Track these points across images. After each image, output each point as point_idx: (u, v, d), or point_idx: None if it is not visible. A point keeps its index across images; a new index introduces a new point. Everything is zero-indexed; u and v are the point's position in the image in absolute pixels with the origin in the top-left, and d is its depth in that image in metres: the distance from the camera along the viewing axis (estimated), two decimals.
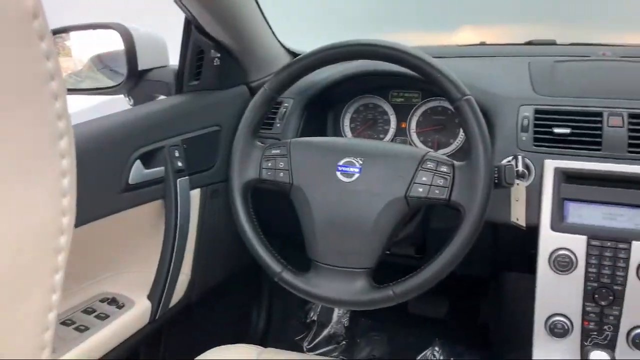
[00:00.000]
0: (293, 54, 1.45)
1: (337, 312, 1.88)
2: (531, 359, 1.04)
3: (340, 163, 0.95)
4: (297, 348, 1.81)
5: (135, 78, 1.19)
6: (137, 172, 1.01)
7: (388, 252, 0.96)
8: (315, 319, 1.87)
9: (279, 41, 1.41)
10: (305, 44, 1.31)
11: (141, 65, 1.19)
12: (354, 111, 1.34)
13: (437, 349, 1.73)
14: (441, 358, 1.72)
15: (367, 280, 0.92)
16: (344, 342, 1.82)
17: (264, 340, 1.71)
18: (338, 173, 0.94)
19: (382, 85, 1.30)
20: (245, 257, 1.06)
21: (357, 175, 0.93)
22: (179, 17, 1.15)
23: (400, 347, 1.76)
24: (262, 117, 1.04)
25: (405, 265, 1.05)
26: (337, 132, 1.35)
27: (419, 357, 1.73)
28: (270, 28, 1.35)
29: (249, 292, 1.71)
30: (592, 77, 1.12)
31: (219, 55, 1.21)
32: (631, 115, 0.99)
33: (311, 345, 1.82)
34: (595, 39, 1.37)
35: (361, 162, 0.94)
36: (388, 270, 0.97)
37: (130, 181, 0.99)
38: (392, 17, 2.11)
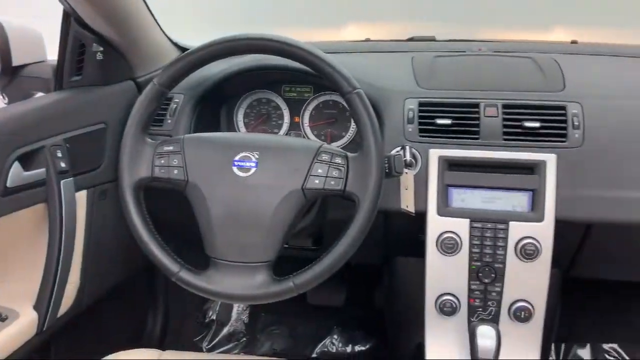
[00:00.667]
0: (182, 49, 1.42)
1: (236, 310, 1.87)
2: (423, 337, 1.11)
3: (237, 158, 0.94)
4: (197, 349, 1.77)
5: (9, 75, 1.10)
6: (16, 174, 0.94)
7: (287, 245, 0.97)
8: (214, 318, 1.85)
9: (166, 35, 1.37)
10: (195, 39, 1.28)
11: (15, 61, 1.10)
12: (248, 106, 1.33)
13: (335, 337, 1.78)
14: (340, 345, 1.77)
15: (268, 274, 0.92)
16: (244, 339, 1.82)
17: (161, 344, 1.66)
18: (234, 168, 0.94)
19: (274, 80, 1.30)
20: (139, 259, 1.03)
21: (253, 169, 0.93)
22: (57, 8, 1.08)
23: (301, 339, 1.79)
24: (151, 113, 1.01)
25: (304, 257, 1.06)
26: (231, 128, 1.34)
27: (318, 347, 1.77)
28: (157, 22, 1.31)
29: (144, 294, 1.65)
30: (470, 71, 1.20)
31: (101, 49, 1.15)
32: (505, 106, 1.07)
33: (211, 345, 1.80)
34: (471, 36, 1.47)
35: (257, 157, 0.94)
36: (288, 263, 0.98)
37: (9, 184, 0.92)
38: (280, 12, 2.12)
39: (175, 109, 1.20)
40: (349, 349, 1.76)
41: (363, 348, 1.77)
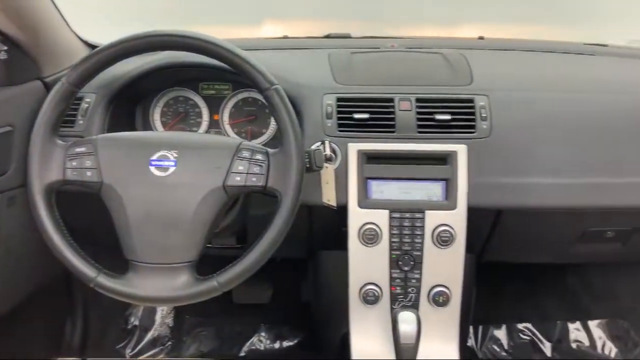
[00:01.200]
0: (92, 46, 1.36)
1: (160, 314, 1.82)
2: (348, 328, 1.13)
3: (154, 157, 0.92)
4: (120, 356, 1.72)
5: None
6: None
7: (210, 245, 0.97)
8: (137, 323, 1.80)
9: (74, 33, 1.31)
10: (106, 37, 1.24)
11: None
12: (164, 104, 1.30)
13: (263, 334, 1.78)
14: (268, 342, 1.78)
15: (191, 274, 0.91)
16: (169, 343, 1.78)
17: (82, 352, 1.60)
18: (152, 168, 0.92)
19: (191, 77, 1.28)
20: (54, 265, 0.98)
21: (172, 168, 0.92)
22: None
23: (228, 339, 1.78)
24: (61, 113, 0.96)
25: (228, 256, 1.06)
26: (147, 127, 1.30)
27: (246, 345, 1.76)
28: (64, 19, 1.25)
29: (61, 302, 1.58)
30: (384, 67, 1.24)
31: (5, 48, 1.08)
32: (417, 100, 1.12)
33: (135, 351, 1.74)
34: (385, 33, 1.52)
35: (176, 155, 0.92)
36: (212, 263, 0.98)
37: None
38: (197, 9, 2.09)
39: (86, 109, 1.15)
40: (277, 345, 1.77)
41: (291, 343, 1.78)
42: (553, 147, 1.11)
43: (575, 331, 1.76)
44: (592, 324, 1.76)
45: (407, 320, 1.03)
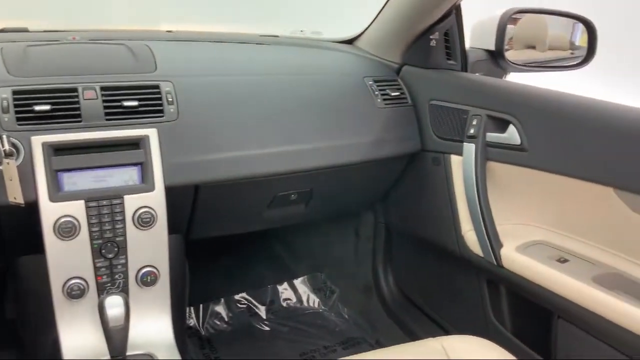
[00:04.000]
0: None
1: None
2: (57, 330, 1.09)
3: None
4: None
5: None
6: None
7: None
8: None
9: None
10: None
11: None
12: None
13: None
14: None
15: None
16: None
17: None
18: None
19: None
20: None
21: None
22: None
23: None
24: None
25: None
26: None
27: None
28: None
29: None
30: (65, 58, 1.21)
31: None
32: (103, 88, 1.12)
33: None
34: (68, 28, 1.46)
35: None
36: None
37: None
38: None
39: None
40: None
41: None
42: (239, 123, 1.24)
43: (285, 291, 1.99)
44: (297, 282, 2.02)
45: (113, 305, 1.03)
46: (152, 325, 1.14)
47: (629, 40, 2.86)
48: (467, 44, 1.53)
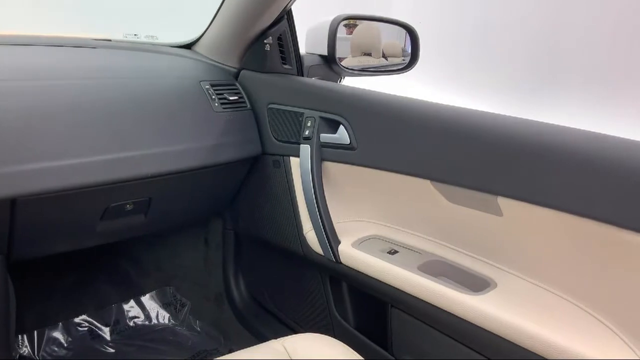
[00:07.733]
0: None
1: None
2: None
3: None
4: None
5: None
6: None
7: None
8: None
9: None
10: None
11: None
12: None
13: None
14: None
15: None
16: None
17: None
18: None
19: None
20: None
21: None
22: None
23: None
24: None
25: None
26: None
27: None
28: None
29: None
30: None
31: None
32: None
33: None
34: None
35: None
36: None
37: None
38: None
39: None
40: None
41: None
42: (63, 130, 1.14)
43: (131, 309, 1.88)
44: (145, 299, 1.92)
45: None
46: None
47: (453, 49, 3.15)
48: (303, 49, 1.57)
